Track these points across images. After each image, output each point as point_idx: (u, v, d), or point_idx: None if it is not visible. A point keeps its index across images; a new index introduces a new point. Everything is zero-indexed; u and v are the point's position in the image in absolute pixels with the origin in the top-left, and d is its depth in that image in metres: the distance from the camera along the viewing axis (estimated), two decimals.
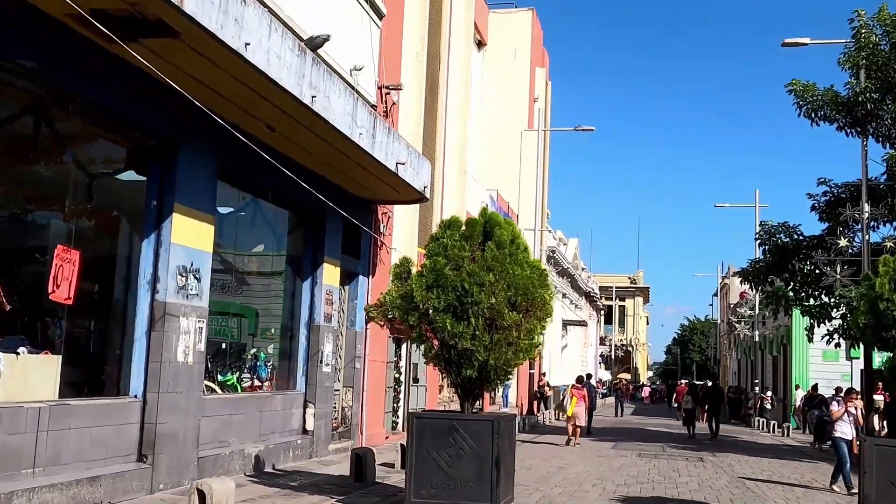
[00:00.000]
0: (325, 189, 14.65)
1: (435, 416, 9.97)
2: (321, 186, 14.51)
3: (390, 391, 19.48)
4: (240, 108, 11.20)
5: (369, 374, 17.50)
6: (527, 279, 9.74)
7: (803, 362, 38.86)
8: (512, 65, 37.27)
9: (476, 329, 9.49)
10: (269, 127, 12.06)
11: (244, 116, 11.48)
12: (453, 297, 9.53)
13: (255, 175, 12.78)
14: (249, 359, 14.24)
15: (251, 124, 11.84)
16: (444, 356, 9.88)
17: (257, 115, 11.48)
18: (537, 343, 10.04)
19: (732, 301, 65.42)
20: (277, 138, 12.55)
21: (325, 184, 14.79)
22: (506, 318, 9.55)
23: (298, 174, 13.35)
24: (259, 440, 13.19)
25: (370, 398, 17.56)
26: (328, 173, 14.67)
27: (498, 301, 9.53)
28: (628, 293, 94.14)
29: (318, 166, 14.19)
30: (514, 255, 9.80)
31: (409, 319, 9.72)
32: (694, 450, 22.41)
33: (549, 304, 10.13)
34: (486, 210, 10.18)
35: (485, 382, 10.02)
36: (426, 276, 9.65)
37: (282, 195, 13.99)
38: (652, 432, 30.56)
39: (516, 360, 9.74)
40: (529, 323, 9.85)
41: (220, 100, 10.78)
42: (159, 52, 8.79)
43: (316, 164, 14.08)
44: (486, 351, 9.56)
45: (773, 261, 22.36)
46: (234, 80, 9.93)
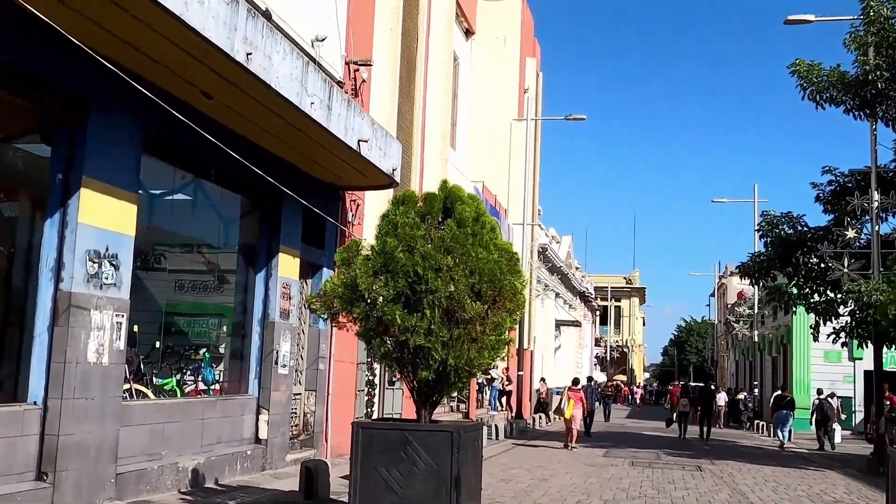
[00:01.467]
0: (282, 171, 13.16)
1: (384, 427, 8.45)
2: (277, 167, 13.02)
3: (362, 395, 17.94)
4: (168, 70, 9.71)
5: (335, 376, 15.97)
6: (493, 264, 8.23)
7: (804, 363, 37.45)
8: (501, 54, 35.82)
9: (432, 322, 7.98)
10: (206, 94, 10.54)
11: (174, 80, 9.99)
12: (404, 284, 8.01)
13: (194, 151, 11.26)
14: (190, 359, 12.71)
15: (185, 90, 10.34)
16: (395, 355, 8.36)
17: (189, 78, 9.98)
18: (506, 339, 8.51)
19: (730, 301, 64.07)
20: (219, 109, 11.04)
21: (281, 165, 13.29)
22: (467, 309, 8.04)
23: (249, 152, 11.85)
24: (200, 451, 11.65)
25: (337, 403, 16.02)
26: (284, 152, 13.17)
27: (458, 289, 8.02)
28: (624, 293, 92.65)
29: (271, 144, 12.68)
30: (478, 236, 8.28)
31: (354, 311, 8.20)
32: (691, 457, 20.90)
33: (520, 293, 8.62)
34: (446, 183, 8.67)
35: (445, 386, 8.50)
36: (373, 259, 8.14)
37: (229, 176, 12.47)
38: (646, 437, 29.06)
39: (481, 360, 8.22)
40: (497, 315, 8.34)
41: (147, 61, 9.31)
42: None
43: (269, 142, 12.57)
44: (445, 348, 8.05)
45: (775, 254, 20.85)
46: (148, 31, 8.42)
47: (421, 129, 21.23)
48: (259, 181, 11.89)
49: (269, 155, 12.89)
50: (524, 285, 8.70)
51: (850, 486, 16.22)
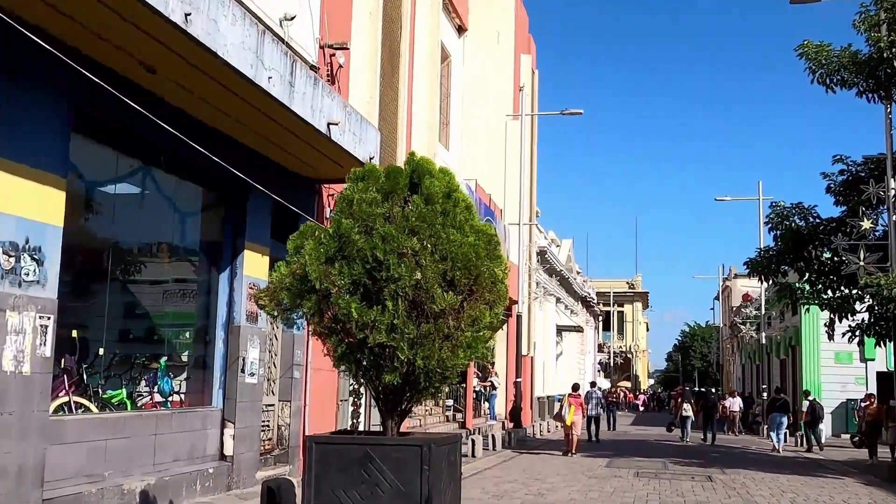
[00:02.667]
0: (248, 160, 11.97)
1: (342, 441, 7.18)
2: (242, 156, 11.83)
3: (345, 405, 16.67)
4: (98, 38, 8.52)
5: (313, 384, 14.71)
6: (468, 247, 6.98)
7: (814, 365, 36.07)
8: (494, 50, 34.62)
9: (395, 316, 6.72)
10: (147, 66, 9.35)
11: (109, 51, 8.80)
12: (362, 271, 6.76)
13: (140, 134, 10.04)
14: (144, 368, 11.46)
15: (123, 62, 9.16)
16: (354, 356, 7.10)
17: (125, 47, 8.78)
18: (486, 336, 7.25)
19: (735, 304, 62.76)
20: (167, 86, 9.85)
21: (247, 154, 12.11)
22: (437, 300, 6.78)
23: (208, 138, 10.69)
24: (152, 471, 10.39)
25: (315, 414, 14.76)
26: (250, 139, 11.96)
27: (426, 277, 6.77)
28: (626, 298, 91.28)
29: (233, 129, 11.49)
30: (449, 214, 7.04)
31: (304, 306, 6.94)
32: (700, 465, 19.61)
33: (501, 283, 7.37)
34: (413, 155, 7.44)
35: (414, 392, 7.24)
36: (326, 244, 6.89)
37: (186, 165, 11.25)
38: (652, 445, 27.74)
39: (456, 360, 6.95)
40: (474, 308, 7.08)
41: (70, 25, 8.12)
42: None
43: (230, 127, 11.38)
44: (412, 347, 6.79)
45: (785, 248, 19.56)
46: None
47: (407, 122, 20.03)
48: (222, 172, 10.73)
49: (233, 142, 11.71)
50: (506, 273, 7.45)
51: (875, 495, 14.95)
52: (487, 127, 32.94)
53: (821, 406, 27.96)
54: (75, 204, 9.49)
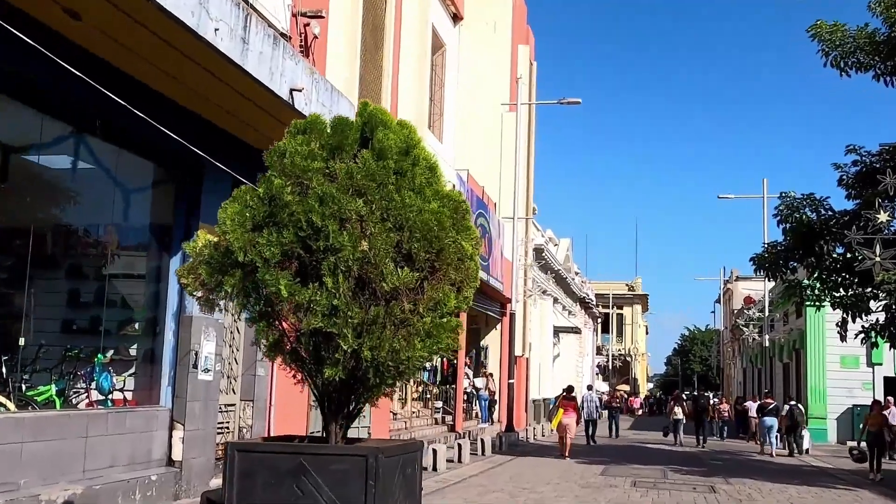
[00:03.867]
0: (204, 132, 10.74)
1: (272, 449, 5.92)
2: (196, 127, 10.59)
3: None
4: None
5: (280, 383, 13.42)
6: (429, 215, 5.72)
7: (819, 369, 34.74)
8: (491, 40, 33.46)
9: (336, 296, 5.46)
10: (70, 12, 8.09)
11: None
12: (294, 240, 5.49)
13: (71, 96, 8.79)
14: (78, 361, 10.19)
15: (43, 7, 7.92)
16: (289, 346, 5.84)
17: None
18: (451, 323, 5.98)
19: (736, 307, 61.49)
20: (94, 37, 8.59)
21: (203, 125, 10.87)
22: (388, 278, 5.52)
23: (155, 105, 9.47)
24: (81, 478, 9.13)
25: (282, 416, 13.49)
26: (205, 109, 10.72)
27: (375, 248, 5.51)
28: (626, 301, 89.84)
29: (185, 97, 10.27)
30: (406, 175, 5.78)
31: (226, 283, 5.69)
32: (702, 474, 18.32)
33: (470, 260, 6.10)
34: (366, 104, 6.18)
35: (362, 390, 5.97)
36: (253, 207, 5.63)
37: (129, 134, 9.99)
38: (650, 451, 26.45)
39: (412, 352, 5.69)
40: (436, 289, 5.82)
41: None
42: None
43: (182, 94, 10.15)
44: (357, 335, 5.53)
45: (795, 243, 18.26)
46: None
47: (392, 106, 18.75)
48: (173, 145, 9.53)
49: (185, 112, 10.47)
50: (476, 249, 6.18)
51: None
52: (483, 120, 31.73)
53: (800, 411, 28.01)
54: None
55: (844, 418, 33.57)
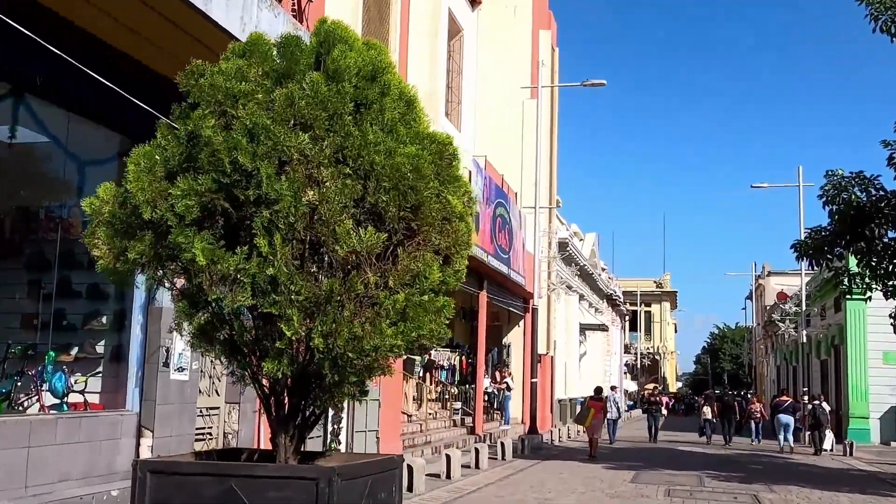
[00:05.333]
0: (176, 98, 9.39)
1: (193, 470, 4.52)
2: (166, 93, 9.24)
3: None
4: None
5: None
6: (404, 159, 4.31)
7: (860, 366, 32.93)
8: (511, 25, 32.00)
9: (272, 264, 4.07)
10: None
11: None
12: (215, 188, 4.11)
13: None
14: (24, 360, 8.87)
15: None
16: (216, 331, 4.45)
17: None
18: (434, 304, 4.57)
19: (768, 303, 59.52)
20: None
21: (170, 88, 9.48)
22: (342, 240, 4.11)
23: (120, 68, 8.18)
24: (23, 495, 7.82)
25: None
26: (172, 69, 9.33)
27: (328, 200, 4.10)
28: (654, 298, 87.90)
29: (148, 54, 8.95)
30: (372, 107, 4.38)
31: (132, 251, 4.31)
32: (742, 480, 16.76)
33: (461, 220, 4.68)
34: (324, 20, 4.78)
35: (318, 391, 4.57)
36: (167, 150, 4.25)
37: (83, 97, 8.67)
38: (683, 454, 24.87)
39: (382, 340, 4.28)
40: (414, 259, 4.41)
41: None
42: None
43: (143, 50, 8.85)
44: (306, 317, 4.14)
45: (842, 226, 16.59)
46: None
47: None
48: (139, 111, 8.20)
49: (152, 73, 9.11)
50: (470, 208, 4.78)
51: None
52: (503, 108, 30.30)
53: (823, 410, 27.06)
54: None
55: (888, 418, 31.80)
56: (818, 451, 26.02)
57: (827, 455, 25.42)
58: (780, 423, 26.91)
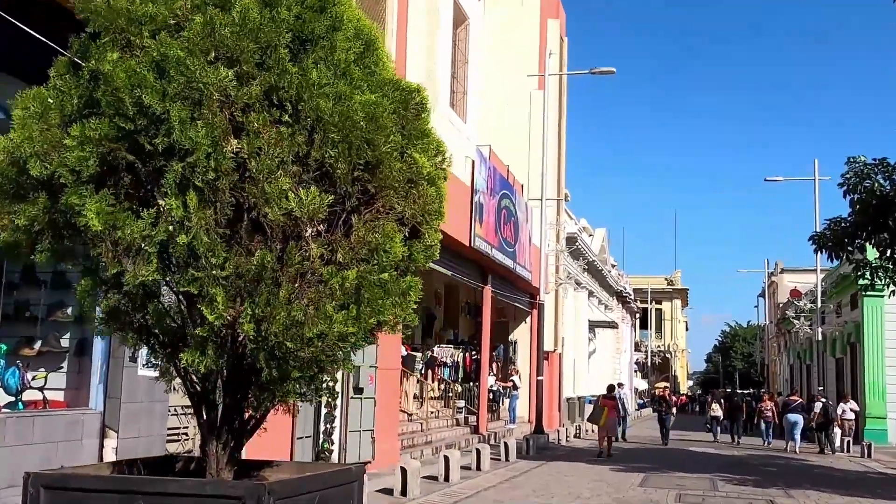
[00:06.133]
0: None
1: (94, 486, 3.72)
2: None
3: (307, 409, 13.27)
4: None
5: None
6: (359, 107, 3.52)
7: (877, 364, 31.96)
8: (519, 13, 31.21)
9: (187, 230, 3.28)
10: None
11: None
12: (115, 134, 3.33)
13: None
14: None
15: None
16: (135, 318, 3.67)
17: None
18: (401, 285, 3.78)
19: (781, 300, 58.53)
20: None
21: None
22: (276, 202, 3.32)
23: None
24: None
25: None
26: None
27: (260, 153, 3.31)
28: (665, 295, 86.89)
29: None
30: (320, 41, 3.59)
31: (20, 217, 3.53)
32: (756, 483, 15.92)
33: (430, 184, 3.89)
34: None
35: (254, 389, 3.78)
36: (63, 91, 3.47)
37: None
38: (694, 455, 24.02)
39: (329, 327, 3.49)
40: (371, 229, 3.62)
41: None
42: None
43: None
44: (233, 298, 3.35)
45: (864, 216, 15.70)
46: None
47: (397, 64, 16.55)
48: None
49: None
50: (443, 169, 3.98)
51: None
52: (510, 99, 29.49)
53: (833, 408, 27.43)
54: None
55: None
56: (822, 450, 26.09)
57: (845, 457, 24.51)
58: (788, 423, 26.77)
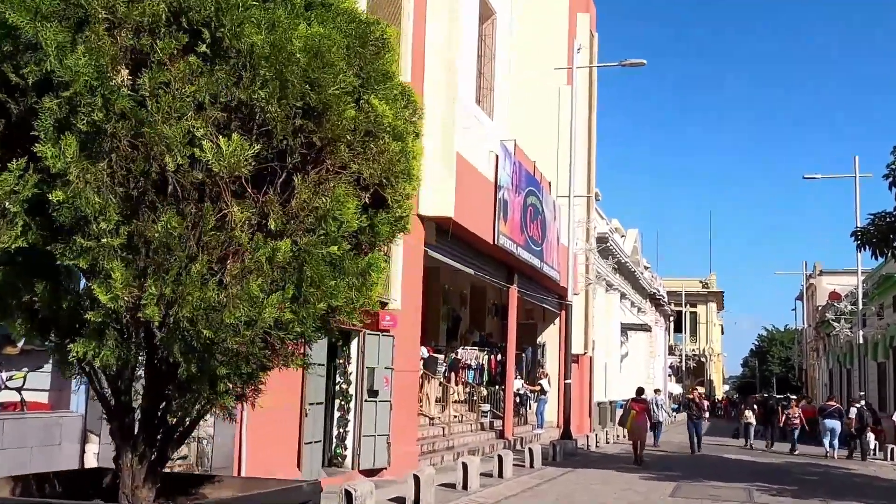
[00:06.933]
0: None
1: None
2: None
3: (316, 410, 12.60)
4: None
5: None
6: (301, 40, 2.81)
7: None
8: (547, 7, 30.39)
9: (64, 183, 2.59)
10: None
11: None
12: None
13: None
14: None
15: None
16: (13, 296, 2.98)
17: None
18: (367, 262, 3.07)
19: (820, 303, 57.05)
20: None
21: None
22: (176, 149, 2.61)
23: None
24: None
25: (258, 425, 10.73)
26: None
27: (163, 90, 2.60)
28: (700, 299, 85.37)
29: None
30: None
31: None
32: (795, 494, 14.99)
33: (397, 140, 3.16)
34: None
35: (176, 388, 3.08)
36: None
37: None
38: (728, 462, 23.03)
39: (258, 312, 2.80)
40: (319, 193, 2.90)
41: None
42: None
43: None
44: (134, 273, 2.65)
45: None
46: None
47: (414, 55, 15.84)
48: None
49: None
50: (413, 121, 3.26)
51: None
52: (539, 96, 28.68)
53: (870, 414, 26.70)
54: None
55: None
56: (851, 454, 25.87)
57: (888, 465, 23.43)
58: (825, 428, 26.62)
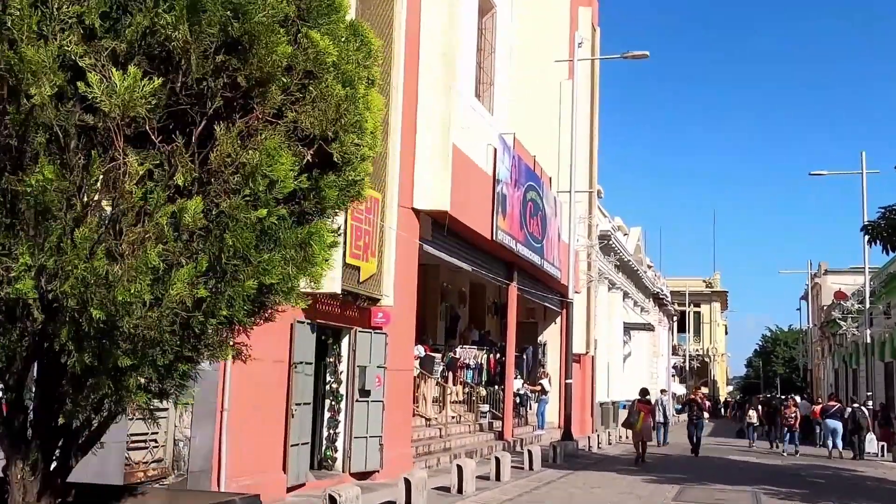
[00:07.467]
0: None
1: None
2: None
3: (303, 411, 12.06)
4: None
5: (238, 377, 10.15)
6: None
7: None
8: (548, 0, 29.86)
9: None
10: None
11: None
12: None
13: None
14: None
15: None
16: None
17: None
18: (307, 232, 2.53)
19: (825, 303, 56.44)
20: None
21: None
22: (43, 79, 2.08)
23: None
24: None
25: (239, 426, 10.20)
26: None
27: (38, 7, 2.06)
28: (703, 298, 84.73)
29: None
30: None
31: None
32: (804, 498, 14.44)
33: (350, 86, 2.62)
34: None
35: (70, 384, 2.55)
36: None
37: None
38: (733, 464, 22.46)
39: (163, 289, 2.26)
40: (245, 146, 2.36)
41: None
42: None
43: None
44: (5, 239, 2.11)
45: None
46: None
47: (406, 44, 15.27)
48: None
49: None
50: (367, 65, 2.72)
51: None
52: (540, 90, 28.16)
53: (863, 413, 26.91)
54: None
55: None
56: (855, 455, 25.74)
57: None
58: (827, 429, 27.00)
